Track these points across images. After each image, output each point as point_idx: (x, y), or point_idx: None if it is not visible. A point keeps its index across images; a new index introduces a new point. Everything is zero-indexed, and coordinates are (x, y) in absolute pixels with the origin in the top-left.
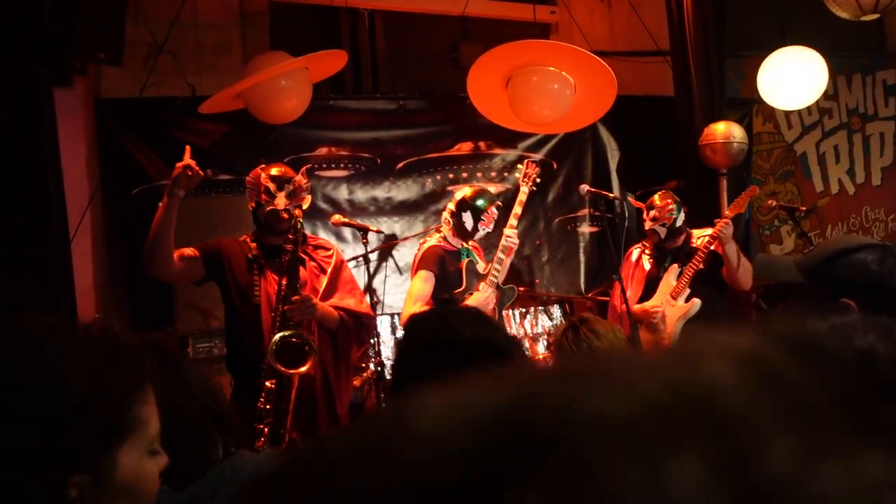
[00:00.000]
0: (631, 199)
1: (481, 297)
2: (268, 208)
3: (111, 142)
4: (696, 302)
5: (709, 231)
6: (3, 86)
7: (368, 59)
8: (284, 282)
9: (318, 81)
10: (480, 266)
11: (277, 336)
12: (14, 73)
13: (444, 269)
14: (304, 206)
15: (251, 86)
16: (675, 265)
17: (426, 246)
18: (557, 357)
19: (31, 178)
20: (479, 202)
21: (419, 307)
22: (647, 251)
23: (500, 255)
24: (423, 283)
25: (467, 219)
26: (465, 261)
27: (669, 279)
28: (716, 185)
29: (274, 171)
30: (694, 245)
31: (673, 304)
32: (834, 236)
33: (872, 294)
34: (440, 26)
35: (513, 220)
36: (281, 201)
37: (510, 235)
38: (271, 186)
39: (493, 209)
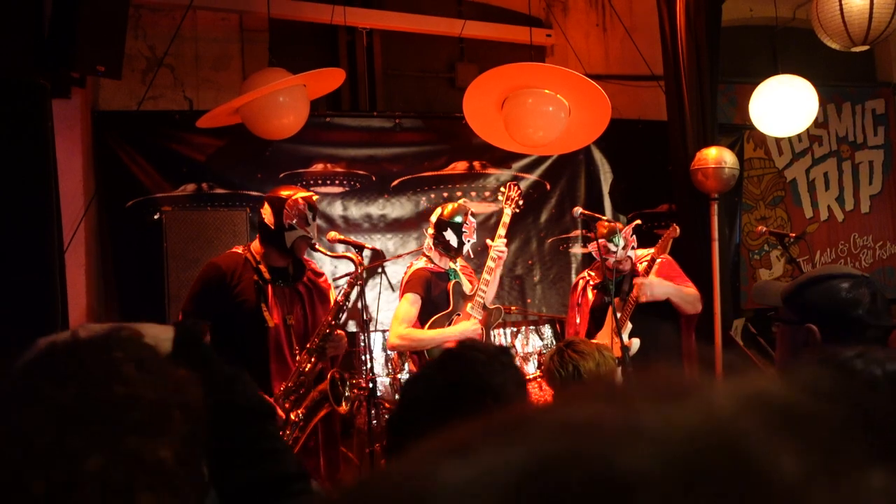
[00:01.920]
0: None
1: (469, 326)
2: (299, 233)
3: (107, 154)
4: (635, 342)
5: (651, 251)
6: (2, 96)
7: (366, 77)
8: (331, 320)
9: (315, 98)
10: (467, 287)
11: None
12: (14, 83)
13: (430, 292)
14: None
15: (249, 101)
16: (617, 299)
17: (413, 269)
18: (551, 384)
19: (26, 189)
20: (457, 218)
21: (404, 328)
22: (591, 282)
23: (485, 276)
24: (410, 306)
25: (450, 237)
26: (451, 282)
27: (614, 313)
28: (707, 210)
29: (310, 198)
30: (637, 270)
31: (616, 341)
32: (821, 265)
33: (836, 321)
34: (437, 46)
35: (497, 241)
36: (314, 231)
37: (498, 247)
38: (309, 215)
39: (471, 218)
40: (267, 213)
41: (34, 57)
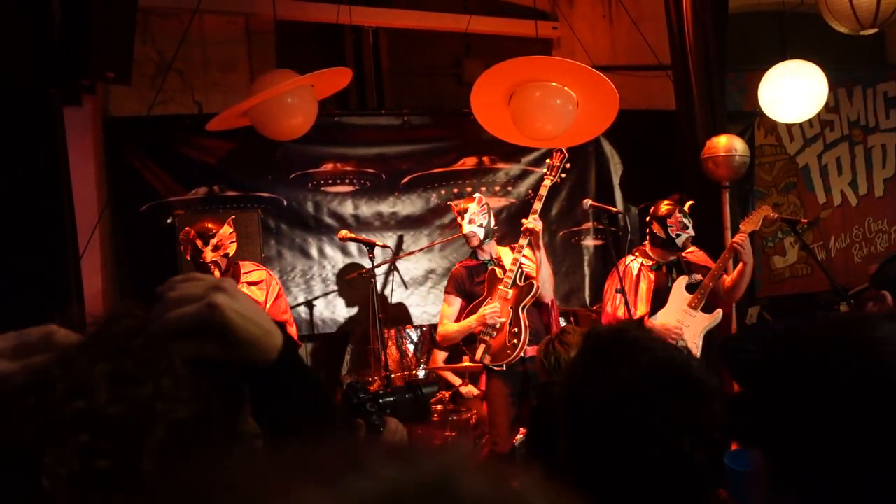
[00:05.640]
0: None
1: (484, 311)
2: (199, 260)
3: (119, 160)
4: (720, 312)
5: (692, 248)
6: (15, 105)
7: (373, 75)
8: None
9: (323, 98)
10: (501, 272)
11: None
12: (26, 92)
13: (463, 287)
14: (231, 253)
15: (257, 103)
16: (684, 277)
17: (453, 269)
18: (541, 374)
19: (41, 196)
20: (463, 206)
21: (441, 328)
22: (644, 263)
23: (514, 254)
24: (446, 306)
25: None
26: (489, 270)
27: (680, 290)
28: (718, 199)
29: (198, 228)
30: (686, 258)
31: (694, 315)
32: (836, 250)
33: None
34: (443, 43)
35: (531, 217)
36: (209, 255)
37: (528, 223)
38: (198, 242)
39: (472, 206)
40: None
41: (45, 65)
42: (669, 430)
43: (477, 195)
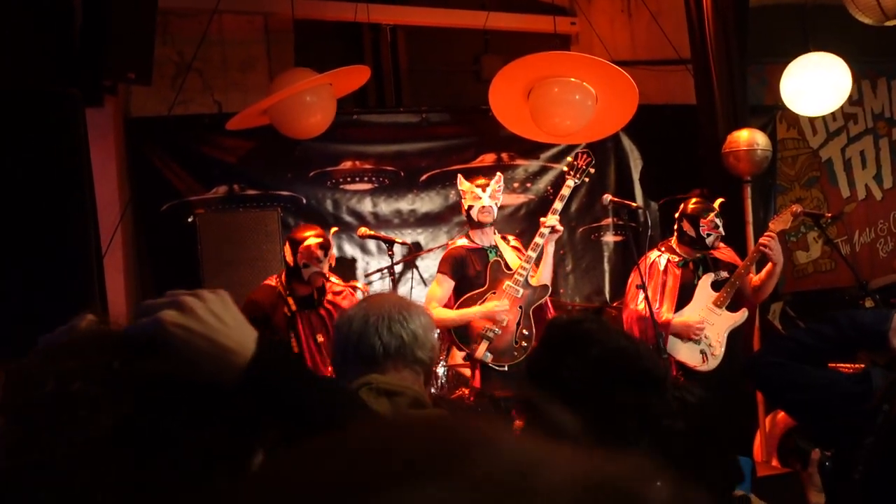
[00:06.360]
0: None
1: (493, 307)
2: (313, 270)
3: (141, 159)
4: (745, 312)
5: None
6: (37, 106)
7: (391, 73)
8: None
9: (341, 96)
10: (514, 264)
11: None
12: (48, 93)
13: (463, 270)
14: (333, 264)
15: (276, 102)
16: (710, 274)
17: (449, 248)
18: None
19: (64, 196)
20: (464, 186)
21: (433, 307)
22: (671, 259)
23: (529, 252)
24: (437, 286)
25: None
26: (491, 260)
27: (706, 288)
28: (740, 194)
29: (316, 239)
30: (713, 255)
31: (719, 314)
32: (860, 245)
33: None
34: (462, 40)
35: (549, 216)
36: (326, 266)
37: (548, 222)
38: (320, 253)
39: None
40: (287, 252)
41: (66, 67)
42: (614, 419)
43: (498, 173)
